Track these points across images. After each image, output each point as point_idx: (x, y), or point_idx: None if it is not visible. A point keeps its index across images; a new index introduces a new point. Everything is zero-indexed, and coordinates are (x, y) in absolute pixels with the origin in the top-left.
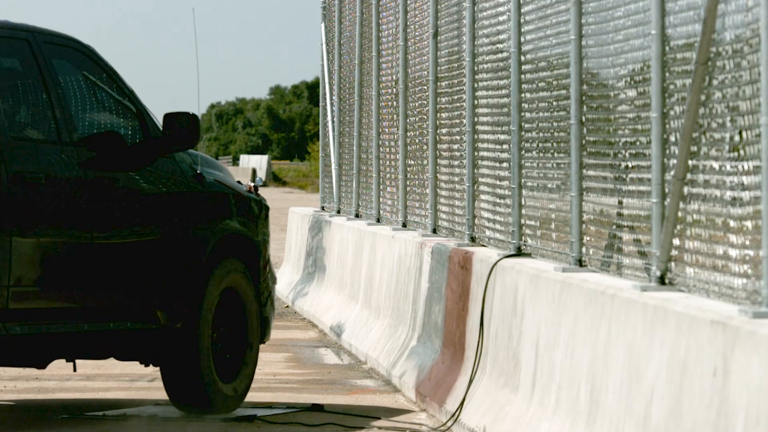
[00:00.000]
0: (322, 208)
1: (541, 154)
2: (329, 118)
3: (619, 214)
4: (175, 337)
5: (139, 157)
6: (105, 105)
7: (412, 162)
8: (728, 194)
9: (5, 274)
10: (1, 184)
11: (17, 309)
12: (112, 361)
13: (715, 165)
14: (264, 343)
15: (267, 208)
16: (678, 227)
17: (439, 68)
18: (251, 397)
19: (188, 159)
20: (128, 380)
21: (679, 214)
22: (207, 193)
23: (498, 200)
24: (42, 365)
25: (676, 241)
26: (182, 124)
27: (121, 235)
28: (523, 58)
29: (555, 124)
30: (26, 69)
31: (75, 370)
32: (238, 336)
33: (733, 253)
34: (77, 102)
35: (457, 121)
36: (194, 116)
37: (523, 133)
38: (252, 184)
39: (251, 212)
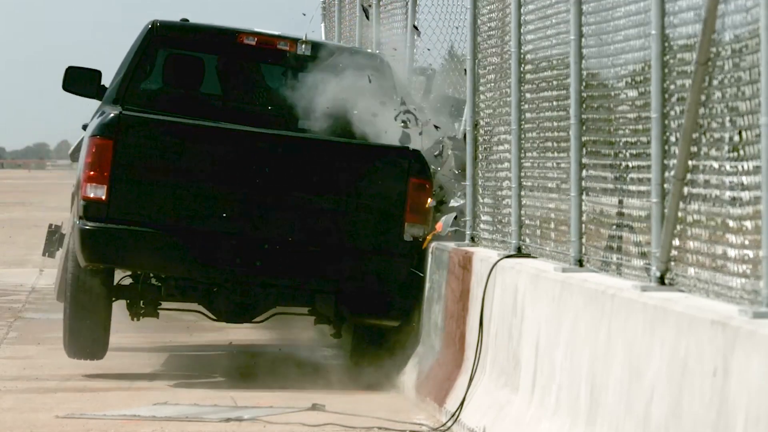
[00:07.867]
0: None
1: (541, 154)
2: None
3: (619, 214)
4: None
5: None
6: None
7: None
8: (728, 194)
9: None
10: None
11: None
12: (112, 360)
13: (715, 165)
14: None
15: None
16: (678, 227)
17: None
18: (251, 396)
19: None
20: (128, 380)
21: (679, 214)
22: None
23: (498, 200)
24: None
25: (676, 241)
26: None
27: None
28: (523, 58)
29: (555, 124)
30: (382, 87)
31: None
32: None
33: (732, 253)
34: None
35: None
36: None
37: (523, 133)
38: None
39: None
